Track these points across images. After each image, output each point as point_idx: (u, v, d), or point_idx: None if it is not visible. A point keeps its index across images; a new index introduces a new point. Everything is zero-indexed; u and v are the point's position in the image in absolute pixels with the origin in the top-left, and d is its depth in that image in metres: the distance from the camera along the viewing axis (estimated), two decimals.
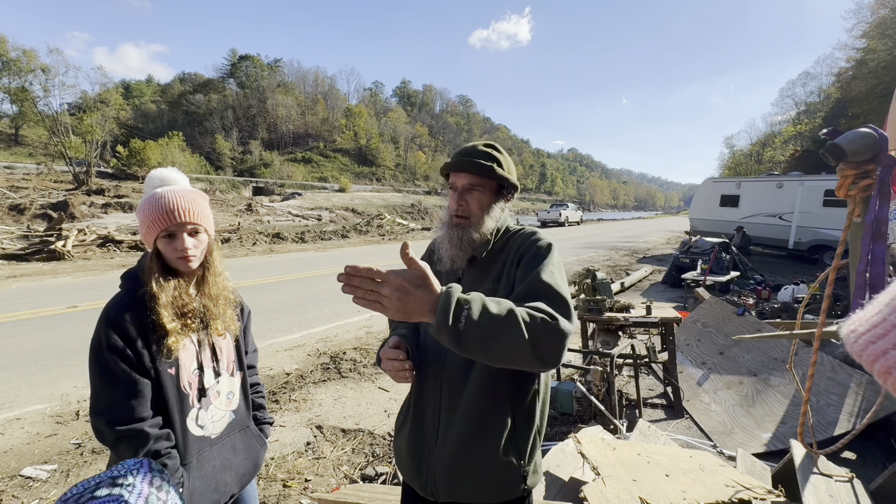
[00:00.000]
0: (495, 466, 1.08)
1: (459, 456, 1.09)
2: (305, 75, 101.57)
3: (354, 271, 0.79)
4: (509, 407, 1.10)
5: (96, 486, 0.66)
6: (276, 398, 3.88)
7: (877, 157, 1.04)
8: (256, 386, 1.51)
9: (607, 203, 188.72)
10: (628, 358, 3.63)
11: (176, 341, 1.14)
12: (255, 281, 9.10)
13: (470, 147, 1.22)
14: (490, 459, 1.08)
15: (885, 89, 22.31)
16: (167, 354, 1.14)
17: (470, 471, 1.09)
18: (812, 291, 2.13)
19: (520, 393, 1.12)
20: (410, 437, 1.19)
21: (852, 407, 2.93)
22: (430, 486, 1.13)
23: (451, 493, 1.11)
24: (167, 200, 1.17)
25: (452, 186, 1.22)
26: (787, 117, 51.56)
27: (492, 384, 1.09)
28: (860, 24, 27.33)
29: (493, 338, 0.84)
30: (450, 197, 1.24)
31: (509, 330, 0.85)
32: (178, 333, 1.15)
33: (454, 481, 1.10)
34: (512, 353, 0.85)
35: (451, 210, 1.21)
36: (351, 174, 79.40)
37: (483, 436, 1.09)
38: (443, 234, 1.22)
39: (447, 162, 1.23)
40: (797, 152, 37.72)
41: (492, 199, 1.20)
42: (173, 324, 1.14)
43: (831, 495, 1.91)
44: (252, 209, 29.19)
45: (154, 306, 1.13)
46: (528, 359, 0.87)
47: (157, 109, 78.78)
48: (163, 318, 1.12)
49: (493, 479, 1.09)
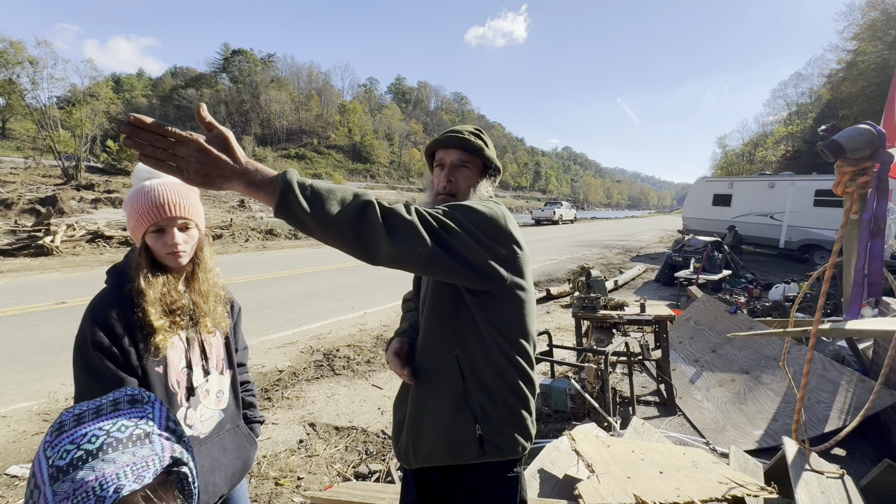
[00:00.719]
0: (447, 424, 1.10)
1: (418, 417, 1.14)
2: (299, 71, 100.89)
3: (140, 122, 0.68)
4: (457, 364, 1.10)
5: (113, 402, 0.65)
6: (269, 396, 3.85)
7: (875, 153, 1.03)
8: (247, 384, 1.48)
9: (601, 202, 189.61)
10: (622, 355, 3.64)
11: (164, 339, 1.11)
12: (247, 278, 9.02)
13: (458, 127, 1.23)
14: (442, 417, 1.10)
15: (874, 91, 22.59)
16: (154, 353, 1.10)
17: (426, 430, 1.13)
18: (805, 290, 2.14)
19: (471, 355, 1.09)
20: (394, 407, 1.27)
21: (843, 404, 2.96)
22: (403, 452, 1.17)
23: (416, 457, 1.15)
24: (157, 194, 1.14)
25: (440, 164, 1.21)
26: (778, 118, 52.08)
27: (435, 341, 1.13)
28: (851, 27, 27.63)
29: (327, 200, 0.81)
30: (434, 176, 1.23)
31: (341, 194, 0.83)
32: (166, 331, 1.12)
33: (416, 443, 1.14)
34: (340, 215, 0.81)
35: (436, 188, 1.20)
36: (345, 171, 79.12)
37: (436, 394, 1.12)
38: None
39: (435, 139, 1.22)
40: (788, 152, 38.13)
41: (479, 179, 1.21)
42: (161, 321, 1.10)
43: (823, 492, 1.92)
44: (245, 205, 28.94)
45: (141, 303, 1.10)
46: (347, 230, 0.82)
47: (149, 104, 77.81)
48: (150, 315, 1.09)
49: (446, 437, 1.10)
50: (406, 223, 0.87)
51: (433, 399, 1.12)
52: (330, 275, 9.70)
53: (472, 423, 1.08)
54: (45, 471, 0.56)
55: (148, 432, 0.62)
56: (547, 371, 4.03)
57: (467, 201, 1.07)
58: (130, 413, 0.64)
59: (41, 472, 0.56)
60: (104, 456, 0.56)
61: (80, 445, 0.57)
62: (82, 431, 0.58)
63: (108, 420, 0.61)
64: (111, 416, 0.62)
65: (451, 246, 0.93)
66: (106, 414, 0.62)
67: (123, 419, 0.62)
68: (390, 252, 0.85)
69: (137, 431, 0.61)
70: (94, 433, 0.58)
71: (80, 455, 0.56)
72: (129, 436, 0.60)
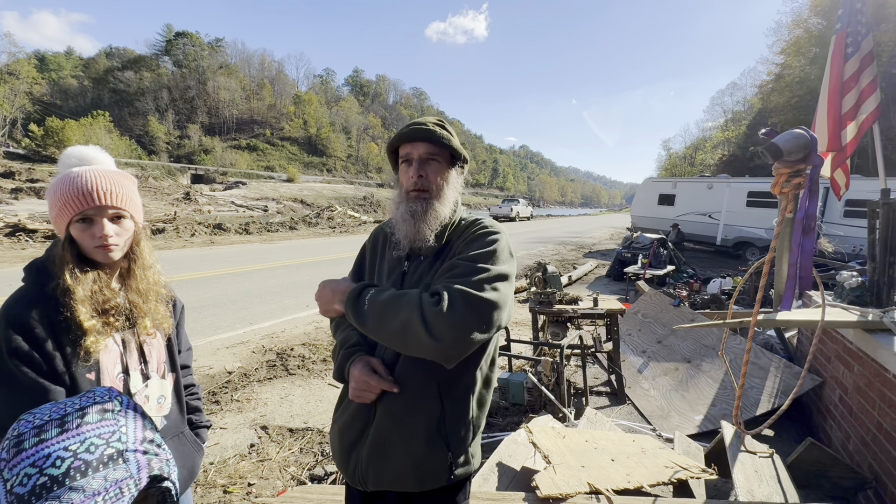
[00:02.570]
0: (419, 454, 1.06)
1: (385, 442, 1.07)
2: (250, 58, 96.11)
3: None
4: (437, 393, 1.07)
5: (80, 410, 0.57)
6: (217, 399, 3.65)
7: (808, 157, 1.12)
8: (191, 387, 1.39)
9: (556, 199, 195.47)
10: (576, 348, 3.76)
11: (95, 341, 0.99)
12: (193, 274, 8.51)
13: (421, 119, 1.16)
14: (414, 446, 1.06)
15: (798, 102, 24.74)
16: (85, 357, 0.99)
17: (394, 458, 1.07)
18: (740, 286, 2.31)
19: (453, 381, 1.09)
20: (343, 425, 1.16)
21: (772, 388, 3.22)
22: (359, 474, 1.11)
23: (377, 482, 1.09)
24: (85, 180, 1.02)
25: (406, 159, 1.14)
26: (716, 124, 55.99)
27: (422, 370, 1.06)
28: (779, 42, 30.07)
29: (385, 312, 0.97)
30: (402, 173, 1.16)
31: (401, 305, 0.96)
32: (98, 333, 1.00)
33: (379, 468, 1.08)
34: (405, 328, 0.94)
35: (407, 185, 1.13)
36: (300, 164, 76.44)
37: (409, 422, 1.06)
38: (401, 211, 1.13)
39: (399, 133, 1.14)
40: (725, 156, 41.07)
41: (448, 171, 1.16)
42: (92, 321, 0.99)
43: (756, 470, 2.08)
44: (191, 198, 27.26)
45: (69, 302, 0.99)
46: (420, 336, 0.92)
47: (80, 86, 71.29)
48: (79, 315, 0.97)
49: (417, 467, 1.06)
50: (448, 323, 0.93)
51: (406, 425, 1.06)
52: (284, 271, 9.35)
53: (444, 451, 1.07)
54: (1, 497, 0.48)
55: (121, 451, 0.55)
56: (505, 365, 4.09)
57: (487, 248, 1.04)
58: (100, 427, 0.56)
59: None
60: (72, 483, 0.49)
61: (42, 470, 0.49)
62: (45, 452, 0.51)
63: (75, 438, 0.53)
64: (78, 432, 0.54)
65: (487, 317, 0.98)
66: (73, 428, 0.54)
67: (93, 437, 0.54)
68: (447, 353, 0.95)
69: (109, 451, 0.54)
70: (59, 454, 0.51)
71: (44, 482, 0.48)
72: (99, 457, 0.53)
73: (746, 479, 2.00)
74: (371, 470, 1.08)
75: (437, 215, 1.11)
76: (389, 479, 1.08)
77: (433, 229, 1.11)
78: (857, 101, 2.76)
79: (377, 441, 1.08)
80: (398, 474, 1.07)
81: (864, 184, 10.32)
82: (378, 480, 1.09)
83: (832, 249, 8.68)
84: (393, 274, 1.18)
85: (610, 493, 1.81)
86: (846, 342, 2.57)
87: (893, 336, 2.09)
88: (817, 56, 23.31)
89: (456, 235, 1.15)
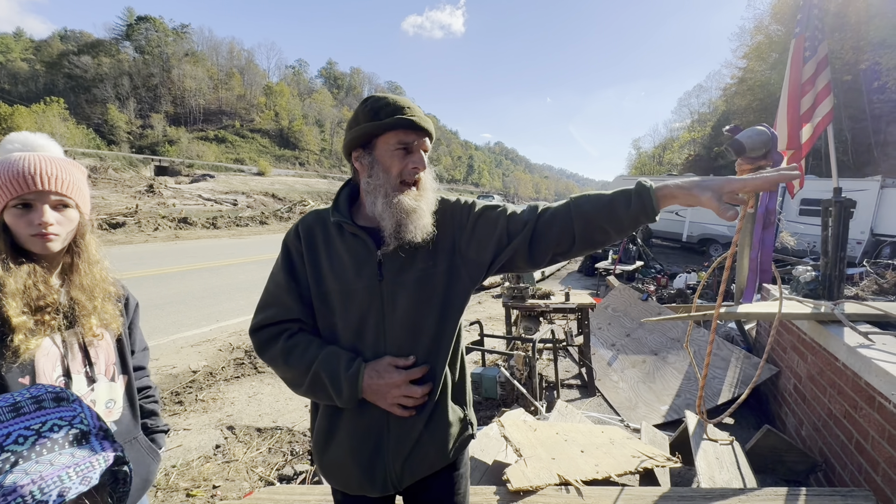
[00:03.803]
0: (449, 427, 1.10)
1: (418, 432, 1.06)
2: (218, 45, 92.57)
3: None
4: (445, 371, 1.10)
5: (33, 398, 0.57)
6: (180, 399, 3.51)
7: (768, 153, 1.15)
8: (147, 390, 1.31)
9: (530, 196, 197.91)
10: (548, 342, 3.81)
11: (25, 340, 0.91)
12: (156, 270, 8.16)
13: (417, 109, 1.04)
14: (443, 422, 1.09)
15: (759, 105, 25.87)
16: (13, 357, 0.91)
17: (430, 440, 1.08)
18: (704, 280, 2.38)
19: (452, 352, 1.11)
20: (353, 445, 1.06)
21: (732, 378, 3.36)
22: (391, 480, 1.07)
23: (416, 473, 1.09)
24: (27, 163, 0.94)
25: (404, 146, 1.02)
26: (683, 124, 57.94)
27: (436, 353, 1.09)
28: (742, 47, 31.37)
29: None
30: (390, 157, 1.02)
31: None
32: (29, 331, 0.92)
33: (418, 459, 1.07)
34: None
35: (403, 174, 1.02)
36: (271, 157, 74.40)
37: (434, 406, 1.08)
38: (396, 202, 1.01)
39: (403, 118, 0.99)
40: (691, 156, 42.60)
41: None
42: (21, 318, 0.91)
43: (717, 458, 2.16)
44: (154, 191, 26.09)
45: None
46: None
47: (31, 70, 66.96)
48: (7, 310, 0.89)
49: (450, 439, 1.10)
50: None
51: (428, 412, 1.07)
52: (253, 266, 9.09)
53: (463, 414, 1.15)
54: None
55: (85, 432, 0.56)
56: (478, 360, 4.11)
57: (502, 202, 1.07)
58: (59, 412, 0.56)
59: None
60: (38, 458, 0.49)
61: (3, 446, 0.49)
62: (4, 432, 0.50)
63: (35, 419, 0.54)
64: (36, 416, 0.54)
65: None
66: (29, 413, 0.54)
67: (53, 419, 0.55)
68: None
69: (74, 431, 0.55)
70: (21, 433, 0.51)
71: (6, 457, 0.48)
72: (64, 436, 0.53)
73: (708, 467, 2.07)
74: (407, 469, 1.07)
75: (427, 212, 1.05)
76: (429, 464, 1.10)
77: (421, 226, 1.03)
78: (813, 103, 2.89)
79: (409, 438, 1.06)
80: (436, 459, 1.09)
81: (818, 183, 10.90)
82: (415, 474, 1.09)
83: (794, 243, 9.12)
84: (363, 265, 1.05)
85: (579, 484, 1.84)
86: (801, 333, 2.70)
87: (843, 327, 2.21)
88: (777, 61, 24.43)
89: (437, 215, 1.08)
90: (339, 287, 1.06)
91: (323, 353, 1.03)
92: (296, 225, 1.13)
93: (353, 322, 1.05)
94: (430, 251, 1.07)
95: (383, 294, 1.04)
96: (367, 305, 1.04)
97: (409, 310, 1.05)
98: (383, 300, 1.04)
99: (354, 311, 1.05)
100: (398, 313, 1.05)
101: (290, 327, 1.08)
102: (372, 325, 1.05)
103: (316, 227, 1.11)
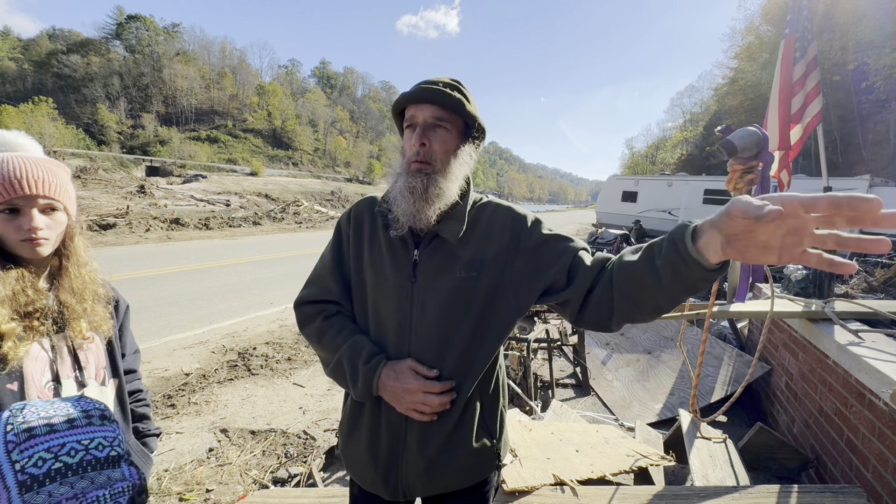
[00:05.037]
0: (470, 453, 1.01)
1: (433, 451, 0.99)
2: (210, 45, 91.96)
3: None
4: (477, 392, 1.03)
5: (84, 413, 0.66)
6: (173, 402, 3.47)
7: (760, 154, 1.16)
8: (138, 393, 1.29)
9: (524, 196, 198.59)
10: (543, 342, 3.82)
11: (15, 347, 0.89)
12: (147, 272, 8.07)
13: (433, 79, 0.98)
14: (465, 447, 1.00)
15: (750, 105, 26.16)
16: (1, 365, 0.90)
17: (447, 463, 1.00)
18: None
19: (485, 376, 1.04)
20: (370, 443, 1.03)
21: (725, 377, 3.39)
22: (403, 488, 1.02)
23: (429, 489, 1.02)
24: (14, 166, 0.92)
25: (410, 123, 0.97)
26: (676, 124, 58.41)
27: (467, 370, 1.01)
28: (733, 47, 31.71)
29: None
30: (405, 140, 0.99)
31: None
32: (18, 338, 0.90)
33: (431, 477, 1.00)
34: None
35: (408, 155, 0.97)
36: (264, 157, 74.04)
37: (455, 426, 1.00)
38: (400, 185, 0.97)
39: (404, 93, 0.97)
40: (683, 156, 42.97)
41: (458, 143, 0.99)
42: (10, 325, 0.89)
43: (711, 455, 2.18)
44: (146, 191, 25.84)
45: None
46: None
47: (18, 69, 66.03)
48: None
49: (471, 464, 1.02)
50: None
51: (455, 432, 1.00)
52: (246, 268, 9.03)
53: (490, 441, 1.04)
54: (8, 475, 0.51)
55: (121, 455, 0.61)
56: None
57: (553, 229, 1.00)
58: (104, 431, 0.61)
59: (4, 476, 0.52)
60: (84, 473, 0.54)
61: (57, 456, 0.54)
62: (59, 441, 0.56)
63: (84, 434, 0.59)
64: (86, 431, 0.60)
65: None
66: (80, 427, 0.60)
67: (99, 437, 0.60)
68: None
69: (113, 454, 0.60)
70: (74, 446, 0.56)
71: (59, 468, 0.53)
72: (106, 457, 0.58)
73: (702, 465, 2.08)
74: (420, 481, 1.00)
75: (440, 193, 0.95)
76: (444, 485, 1.02)
77: (436, 209, 0.96)
78: (803, 103, 2.92)
79: (428, 450, 0.99)
80: (454, 476, 1.01)
81: (809, 183, 11.04)
82: (430, 488, 1.01)
83: None
84: (400, 263, 1.00)
85: (574, 484, 1.84)
86: (792, 331, 2.73)
87: (834, 325, 2.23)
88: (767, 62, 24.70)
89: (489, 221, 1.02)
90: (375, 280, 1.03)
91: (350, 341, 1.02)
92: (350, 209, 1.12)
93: (381, 318, 1.03)
94: (476, 260, 0.99)
95: (413, 297, 0.99)
96: (396, 305, 1.00)
97: (438, 318, 0.98)
98: (412, 303, 0.99)
99: (384, 308, 1.02)
100: (426, 320, 0.98)
101: (329, 308, 1.08)
102: (396, 327, 1.00)
103: (365, 214, 1.08)
